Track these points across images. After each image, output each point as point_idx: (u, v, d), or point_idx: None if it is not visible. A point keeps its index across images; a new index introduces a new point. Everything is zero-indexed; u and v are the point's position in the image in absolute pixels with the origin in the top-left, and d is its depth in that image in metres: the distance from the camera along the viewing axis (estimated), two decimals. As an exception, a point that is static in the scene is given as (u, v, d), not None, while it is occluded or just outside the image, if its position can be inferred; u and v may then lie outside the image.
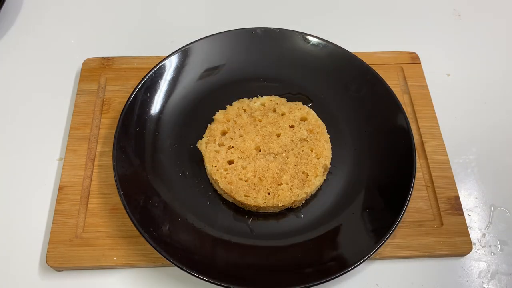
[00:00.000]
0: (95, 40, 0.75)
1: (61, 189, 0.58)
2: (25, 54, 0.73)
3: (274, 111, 0.62)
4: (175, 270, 0.50)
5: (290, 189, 0.56)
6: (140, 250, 0.54)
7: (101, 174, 0.59)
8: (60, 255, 0.53)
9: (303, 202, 0.57)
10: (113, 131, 0.58)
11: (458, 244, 0.55)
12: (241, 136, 0.60)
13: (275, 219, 0.56)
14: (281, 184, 0.56)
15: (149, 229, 0.51)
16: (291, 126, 0.61)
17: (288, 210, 0.57)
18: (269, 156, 0.58)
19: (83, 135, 0.62)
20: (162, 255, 0.49)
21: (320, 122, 0.61)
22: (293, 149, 0.59)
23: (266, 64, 0.67)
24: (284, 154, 0.58)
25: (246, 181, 0.56)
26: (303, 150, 0.59)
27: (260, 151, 0.59)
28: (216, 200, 0.57)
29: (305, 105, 0.63)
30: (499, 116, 0.68)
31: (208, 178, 0.58)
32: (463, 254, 0.56)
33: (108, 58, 0.69)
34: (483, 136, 0.66)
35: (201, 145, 0.59)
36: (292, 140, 0.59)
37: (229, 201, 0.57)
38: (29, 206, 0.58)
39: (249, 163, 0.57)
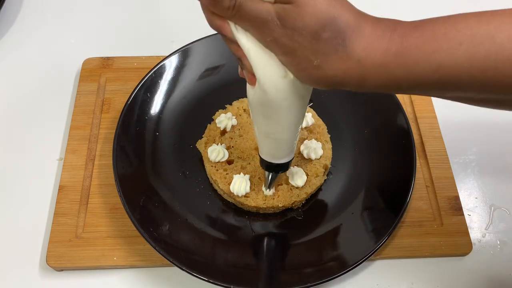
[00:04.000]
0: (95, 40, 0.75)
1: (61, 189, 0.58)
2: (25, 54, 0.72)
3: (274, 111, 0.62)
4: (175, 270, 0.50)
5: (290, 189, 0.56)
6: (140, 250, 0.54)
7: (101, 174, 0.59)
8: (60, 255, 0.53)
9: (303, 202, 0.57)
10: (113, 131, 0.58)
11: (458, 244, 0.55)
12: (240, 136, 0.60)
13: (275, 219, 0.56)
14: (281, 184, 0.56)
15: (149, 229, 0.51)
16: (291, 126, 0.61)
17: (288, 210, 0.57)
18: (269, 156, 0.58)
19: (83, 135, 0.62)
20: (162, 255, 0.49)
21: (320, 122, 0.61)
22: (293, 149, 0.58)
23: (266, 64, 0.67)
24: (284, 154, 0.58)
25: (246, 181, 0.56)
26: (303, 150, 0.58)
27: (260, 151, 0.59)
28: (216, 200, 0.57)
29: (305, 105, 0.63)
30: (499, 116, 0.68)
31: (208, 178, 0.58)
32: (463, 254, 0.56)
33: (108, 58, 0.69)
34: (483, 136, 0.66)
35: (201, 145, 0.59)
36: (292, 140, 0.59)
37: (229, 201, 0.57)
38: (29, 206, 0.58)
39: (249, 163, 0.57)
